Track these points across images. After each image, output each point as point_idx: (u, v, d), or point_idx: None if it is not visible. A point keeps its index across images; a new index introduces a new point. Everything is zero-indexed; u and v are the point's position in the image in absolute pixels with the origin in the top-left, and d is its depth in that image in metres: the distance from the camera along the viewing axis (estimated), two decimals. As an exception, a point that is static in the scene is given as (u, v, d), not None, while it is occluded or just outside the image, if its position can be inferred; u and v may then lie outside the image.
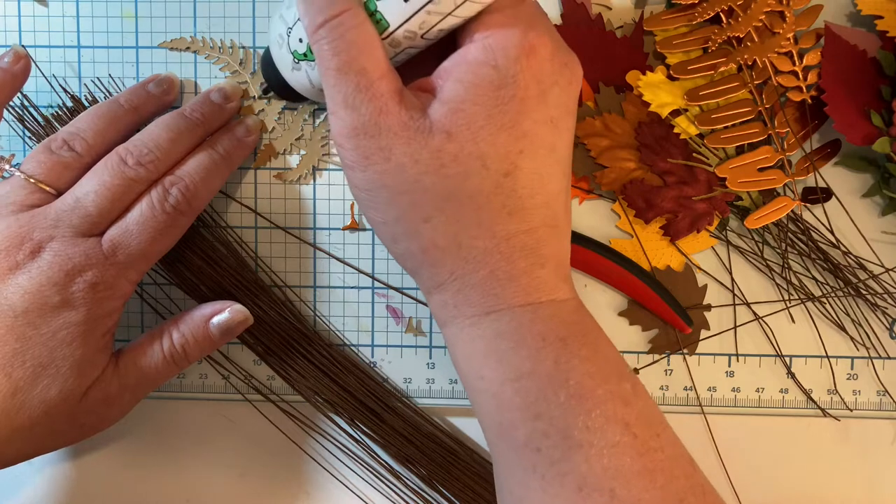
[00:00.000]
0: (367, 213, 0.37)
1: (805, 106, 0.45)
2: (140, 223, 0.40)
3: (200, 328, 0.43)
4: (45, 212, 0.40)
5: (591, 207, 0.47)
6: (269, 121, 0.47)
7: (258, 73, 0.47)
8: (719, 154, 0.45)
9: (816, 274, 0.47)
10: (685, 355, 0.47)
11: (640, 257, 0.47)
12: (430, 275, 0.37)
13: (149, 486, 0.49)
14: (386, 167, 0.35)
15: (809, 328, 0.47)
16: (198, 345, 0.43)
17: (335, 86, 0.35)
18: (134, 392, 0.42)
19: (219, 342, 0.43)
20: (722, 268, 0.47)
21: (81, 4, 0.47)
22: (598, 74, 0.45)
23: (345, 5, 0.35)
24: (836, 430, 0.48)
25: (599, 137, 0.45)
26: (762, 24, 0.44)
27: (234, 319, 0.43)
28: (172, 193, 0.41)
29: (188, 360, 0.43)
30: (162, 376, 0.43)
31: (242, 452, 0.49)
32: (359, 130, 0.35)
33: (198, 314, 0.43)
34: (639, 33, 0.45)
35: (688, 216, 0.45)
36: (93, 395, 0.40)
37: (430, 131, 0.35)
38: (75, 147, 0.41)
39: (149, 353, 0.42)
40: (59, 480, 0.49)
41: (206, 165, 0.43)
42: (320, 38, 0.35)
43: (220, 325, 0.43)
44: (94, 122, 0.42)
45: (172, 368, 0.43)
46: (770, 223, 0.46)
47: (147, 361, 0.42)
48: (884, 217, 0.46)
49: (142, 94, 0.45)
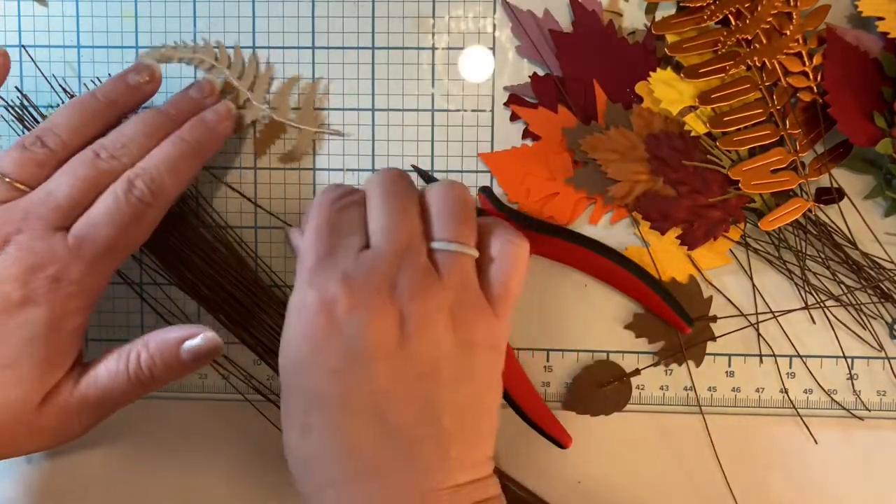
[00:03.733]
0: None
1: (816, 106, 0.45)
2: (105, 215, 0.39)
3: (170, 351, 0.40)
4: (15, 205, 0.39)
5: (609, 216, 0.47)
6: (256, 111, 0.47)
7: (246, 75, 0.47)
8: (732, 157, 0.45)
9: (827, 273, 0.46)
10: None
11: (653, 269, 0.47)
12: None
13: (149, 486, 0.49)
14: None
15: (810, 328, 0.47)
16: (166, 368, 0.40)
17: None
18: (95, 409, 0.40)
19: (189, 367, 0.41)
20: (729, 279, 0.47)
21: (81, 4, 0.47)
22: (611, 81, 0.45)
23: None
24: (836, 431, 0.48)
25: (609, 152, 0.45)
26: (770, 25, 0.43)
27: (205, 347, 0.40)
28: (137, 185, 0.40)
29: (154, 383, 0.41)
30: (125, 396, 0.40)
31: (242, 452, 0.49)
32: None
33: (170, 336, 0.40)
34: (650, 38, 0.45)
35: (703, 224, 0.45)
36: (52, 404, 0.39)
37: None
38: (48, 143, 0.40)
39: (113, 372, 0.40)
40: (58, 480, 0.49)
41: (172, 156, 0.41)
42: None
43: (191, 349, 0.40)
44: (69, 118, 0.41)
45: (137, 390, 0.40)
46: (786, 225, 0.45)
47: (110, 379, 0.40)
48: (887, 218, 0.46)
49: (120, 87, 0.43)
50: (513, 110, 0.47)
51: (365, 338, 0.35)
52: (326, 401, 0.35)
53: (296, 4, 0.47)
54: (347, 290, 0.35)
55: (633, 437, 0.48)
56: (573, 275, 0.47)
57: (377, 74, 0.47)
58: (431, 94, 0.47)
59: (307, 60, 0.47)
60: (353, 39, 0.47)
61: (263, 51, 0.47)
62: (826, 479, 0.48)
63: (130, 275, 0.48)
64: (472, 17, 0.46)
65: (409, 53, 0.47)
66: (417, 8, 0.46)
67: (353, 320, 0.35)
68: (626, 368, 0.47)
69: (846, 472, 0.48)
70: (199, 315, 0.48)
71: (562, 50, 0.46)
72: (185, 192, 0.47)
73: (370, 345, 0.35)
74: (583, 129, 0.46)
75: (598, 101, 0.46)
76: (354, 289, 0.35)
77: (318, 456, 0.36)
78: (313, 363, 0.36)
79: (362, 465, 0.35)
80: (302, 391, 0.36)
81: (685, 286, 0.47)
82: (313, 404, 0.36)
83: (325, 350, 0.35)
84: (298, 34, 0.47)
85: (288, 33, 0.47)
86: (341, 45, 0.47)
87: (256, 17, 0.47)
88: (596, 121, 0.46)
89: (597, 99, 0.46)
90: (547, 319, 0.48)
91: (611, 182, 0.46)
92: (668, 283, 0.47)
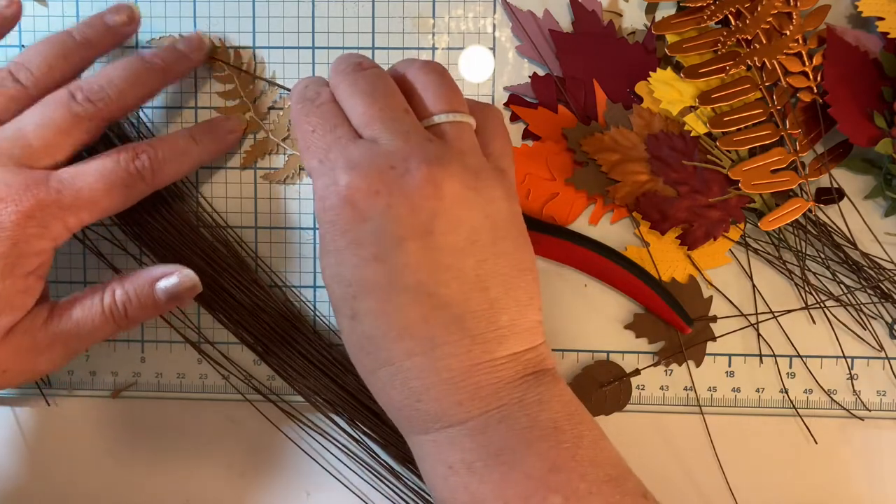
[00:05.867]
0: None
1: (816, 106, 0.45)
2: (98, 171, 0.39)
3: (146, 289, 0.40)
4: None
5: (609, 216, 0.47)
6: (256, 122, 0.47)
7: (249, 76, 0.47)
8: (732, 157, 0.45)
9: (827, 273, 0.46)
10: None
11: (653, 269, 0.47)
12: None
13: (149, 486, 0.49)
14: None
15: (810, 328, 0.47)
16: (141, 306, 0.40)
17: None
18: (66, 345, 0.40)
19: (163, 307, 0.40)
20: (729, 279, 0.47)
21: (81, 4, 0.47)
22: (611, 81, 0.45)
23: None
24: (836, 431, 0.48)
25: (609, 152, 0.45)
26: (770, 25, 0.43)
27: (182, 284, 0.40)
28: (141, 158, 0.40)
29: (128, 322, 0.40)
30: (98, 333, 0.40)
31: (242, 452, 0.49)
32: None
33: (146, 275, 0.40)
34: (650, 38, 0.45)
35: (703, 225, 0.45)
36: (16, 341, 0.38)
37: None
38: (20, 78, 0.40)
39: (87, 305, 0.40)
40: (58, 479, 0.49)
41: (178, 145, 0.42)
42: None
43: (167, 289, 0.40)
44: (43, 55, 0.41)
45: (110, 326, 0.40)
46: (786, 225, 0.45)
47: (83, 314, 0.40)
48: (887, 218, 0.46)
49: (97, 26, 0.42)
50: (513, 110, 0.47)
51: (393, 220, 0.34)
52: (370, 286, 0.35)
53: (296, 4, 0.47)
54: (358, 176, 0.35)
55: (633, 437, 0.48)
56: (573, 275, 0.47)
57: (377, 74, 0.47)
58: (431, 94, 0.47)
59: (307, 60, 0.47)
60: (353, 39, 0.47)
61: (263, 51, 0.47)
62: (826, 479, 0.48)
63: (130, 275, 0.48)
64: (472, 17, 0.46)
65: (409, 53, 0.47)
66: (417, 8, 0.46)
67: (376, 204, 0.35)
68: (626, 368, 0.47)
69: (846, 472, 0.48)
70: (199, 314, 0.48)
71: (562, 50, 0.46)
72: (185, 192, 0.47)
73: (400, 226, 0.34)
74: (583, 129, 0.46)
75: (598, 101, 0.46)
76: (364, 173, 0.35)
77: (370, 339, 0.35)
78: (352, 253, 0.35)
79: (414, 342, 0.35)
80: (346, 281, 0.36)
81: (685, 286, 0.47)
82: (359, 291, 0.35)
83: (359, 238, 0.35)
84: (298, 34, 0.47)
85: (288, 33, 0.47)
86: (341, 45, 0.47)
87: (256, 17, 0.47)
88: (596, 121, 0.46)
89: (597, 99, 0.46)
90: (547, 319, 0.47)
91: (611, 182, 0.46)
92: (668, 283, 0.47)
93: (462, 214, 0.35)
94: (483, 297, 0.35)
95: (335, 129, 0.36)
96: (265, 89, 0.47)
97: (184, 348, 0.48)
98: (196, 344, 0.48)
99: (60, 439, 0.49)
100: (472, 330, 0.35)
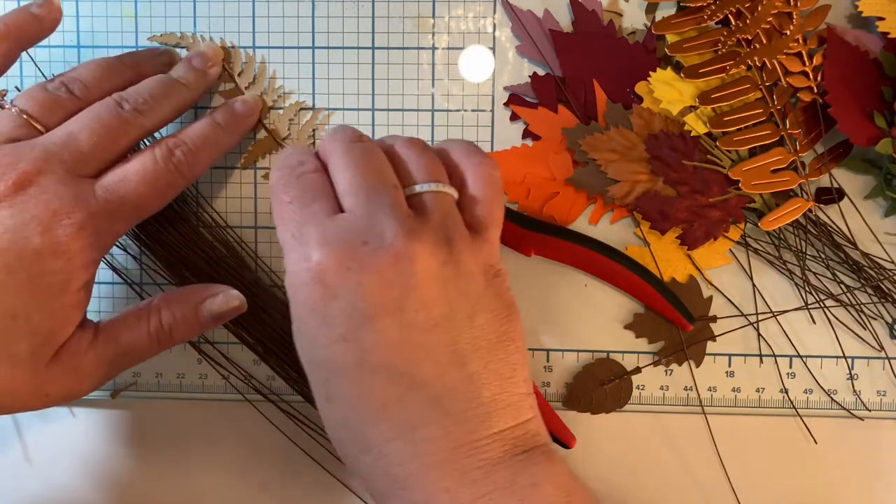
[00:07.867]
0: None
1: (816, 106, 0.45)
2: (140, 173, 0.39)
3: (191, 311, 0.40)
4: (31, 144, 0.37)
5: (609, 215, 0.47)
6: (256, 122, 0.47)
7: (246, 74, 0.47)
8: (732, 157, 0.45)
9: (827, 273, 0.46)
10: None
11: (654, 268, 0.47)
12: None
13: (148, 485, 0.49)
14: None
15: (810, 328, 0.47)
16: (187, 328, 0.41)
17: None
18: (110, 367, 0.40)
19: (207, 327, 0.41)
20: (729, 279, 0.47)
21: (81, 4, 0.47)
22: (611, 81, 0.45)
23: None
24: (836, 431, 0.48)
25: (609, 152, 0.45)
26: (770, 25, 0.43)
27: (228, 305, 0.41)
28: (176, 154, 0.40)
29: (173, 341, 0.41)
30: (143, 355, 0.40)
31: (242, 452, 0.49)
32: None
33: (192, 296, 0.41)
34: (650, 38, 0.45)
35: (703, 225, 0.45)
36: (63, 362, 0.38)
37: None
38: (73, 89, 0.40)
39: (133, 328, 0.40)
40: (57, 479, 0.49)
41: (206, 133, 0.42)
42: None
43: (213, 310, 0.41)
44: (94, 71, 0.41)
45: (155, 348, 0.40)
46: (786, 225, 0.45)
47: (130, 338, 0.40)
48: (887, 218, 0.46)
49: (143, 55, 0.45)
50: (513, 110, 0.47)
51: (363, 297, 0.33)
52: (341, 368, 0.34)
53: (296, 4, 0.47)
54: (330, 253, 0.34)
55: (633, 437, 0.48)
56: (573, 275, 0.47)
57: (377, 74, 0.47)
58: (431, 94, 0.47)
59: (307, 60, 0.47)
60: (353, 39, 0.47)
61: (263, 51, 0.47)
62: (826, 479, 0.48)
63: (130, 275, 0.48)
64: (472, 17, 0.46)
65: (409, 53, 0.47)
66: (417, 8, 0.47)
67: (346, 282, 0.33)
68: (626, 368, 0.47)
69: (846, 472, 0.48)
70: (199, 315, 0.48)
71: (562, 50, 0.46)
72: (185, 192, 0.47)
73: (371, 303, 0.33)
74: (583, 129, 0.46)
75: (598, 101, 0.46)
76: (336, 250, 0.34)
77: (346, 423, 0.34)
78: (321, 333, 0.34)
79: (390, 426, 0.34)
80: (318, 363, 0.35)
81: (685, 286, 0.47)
82: (331, 374, 0.34)
83: (329, 317, 0.34)
84: (298, 34, 0.47)
85: (288, 33, 0.47)
86: (341, 45, 0.47)
87: (256, 17, 0.47)
88: (596, 121, 0.46)
89: (597, 99, 0.46)
90: (547, 319, 0.48)
91: (611, 182, 0.46)
92: (668, 283, 0.47)
93: (435, 290, 0.34)
94: (460, 373, 0.34)
95: (312, 204, 0.35)
96: (265, 89, 0.47)
97: (183, 348, 0.48)
98: (196, 344, 0.48)
99: (60, 439, 0.49)
100: (451, 409, 0.33)
